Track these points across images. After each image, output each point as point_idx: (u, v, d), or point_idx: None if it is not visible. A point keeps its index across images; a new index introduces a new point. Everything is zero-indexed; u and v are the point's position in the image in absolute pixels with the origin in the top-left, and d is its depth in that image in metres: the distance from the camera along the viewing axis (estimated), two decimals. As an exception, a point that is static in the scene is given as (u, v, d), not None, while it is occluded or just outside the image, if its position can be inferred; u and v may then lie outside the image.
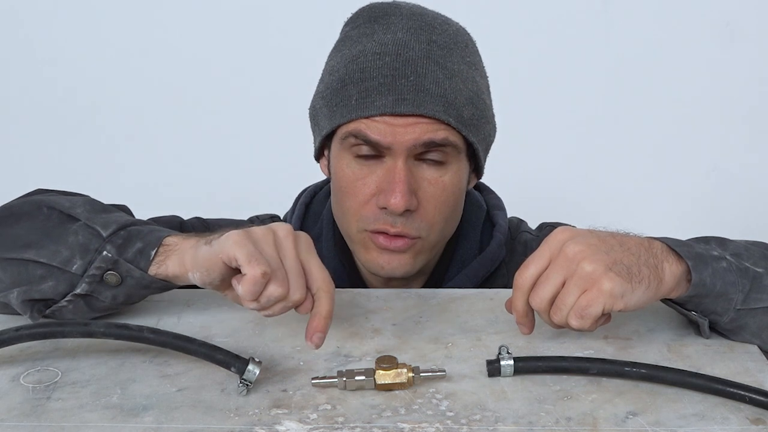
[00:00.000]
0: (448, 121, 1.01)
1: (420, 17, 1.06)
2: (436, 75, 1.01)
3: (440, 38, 1.04)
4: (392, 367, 0.81)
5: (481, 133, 1.07)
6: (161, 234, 0.90)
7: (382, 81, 1.01)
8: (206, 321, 0.95)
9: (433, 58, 1.02)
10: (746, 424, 0.77)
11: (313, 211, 1.21)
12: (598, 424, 0.77)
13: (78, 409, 0.79)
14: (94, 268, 0.88)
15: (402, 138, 1.00)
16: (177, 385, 0.83)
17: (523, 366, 0.84)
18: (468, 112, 1.03)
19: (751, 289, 0.88)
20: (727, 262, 0.88)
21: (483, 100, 1.07)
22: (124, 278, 0.89)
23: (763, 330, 0.90)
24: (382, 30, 1.05)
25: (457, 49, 1.05)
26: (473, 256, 1.16)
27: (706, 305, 0.88)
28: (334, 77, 1.06)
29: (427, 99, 1.00)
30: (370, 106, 1.01)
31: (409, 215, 1.03)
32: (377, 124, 1.01)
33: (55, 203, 0.95)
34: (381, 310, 0.99)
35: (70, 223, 0.92)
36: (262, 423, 0.76)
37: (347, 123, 1.03)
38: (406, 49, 1.02)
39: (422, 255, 1.08)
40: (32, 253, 0.91)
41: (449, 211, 1.07)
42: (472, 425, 0.76)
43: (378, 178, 1.03)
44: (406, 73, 1.01)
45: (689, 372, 0.82)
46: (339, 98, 1.04)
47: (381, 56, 1.02)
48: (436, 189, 1.04)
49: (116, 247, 0.89)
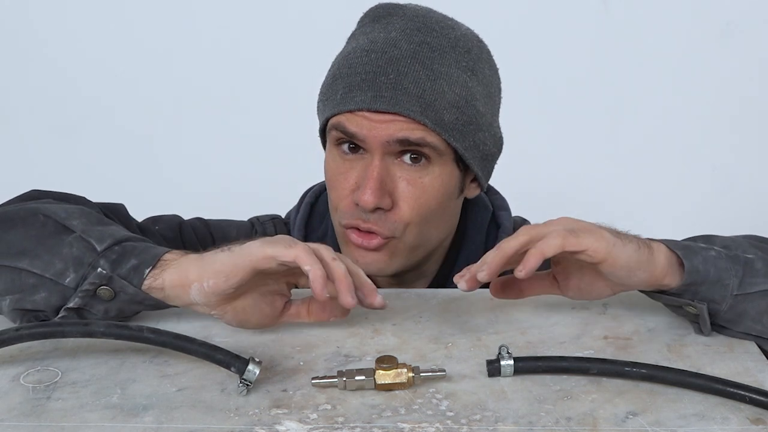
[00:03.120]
0: (425, 122, 1.01)
1: (423, 18, 1.07)
2: (418, 75, 1.02)
3: (435, 40, 1.04)
4: (392, 367, 0.81)
5: (468, 139, 1.05)
6: (157, 251, 0.89)
7: (365, 77, 1.02)
8: (206, 321, 0.94)
9: (418, 59, 1.03)
10: (746, 424, 0.77)
11: (318, 211, 1.21)
12: (598, 424, 0.77)
13: (78, 409, 0.79)
14: (87, 284, 0.88)
15: (378, 133, 1.02)
16: (177, 385, 0.83)
17: (523, 366, 0.84)
18: (450, 116, 1.03)
19: (744, 274, 0.89)
20: (716, 252, 0.89)
21: (474, 106, 1.05)
22: (117, 293, 0.88)
23: (762, 315, 0.90)
24: (379, 29, 1.06)
25: (453, 53, 1.05)
26: (478, 258, 1.15)
27: (703, 293, 0.88)
28: (330, 72, 1.09)
29: (404, 98, 1.01)
30: (351, 101, 1.03)
31: (382, 213, 1.04)
32: (357, 118, 1.03)
33: (52, 212, 0.94)
34: (381, 310, 0.98)
35: (65, 234, 0.91)
36: (262, 423, 0.76)
37: (333, 116, 1.05)
38: (393, 48, 1.03)
39: (399, 256, 1.08)
40: (26, 262, 0.90)
41: (429, 214, 1.06)
42: (472, 425, 0.76)
43: (356, 174, 1.05)
44: (387, 71, 1.02)
45: (689, 372, 0.82)
46: (330, 92, 1.06)
47: (368, 53, 1.04)
48: (415, 189, 1.04)
49: (110, 262, 0.88)
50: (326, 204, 1.20)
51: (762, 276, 0.89)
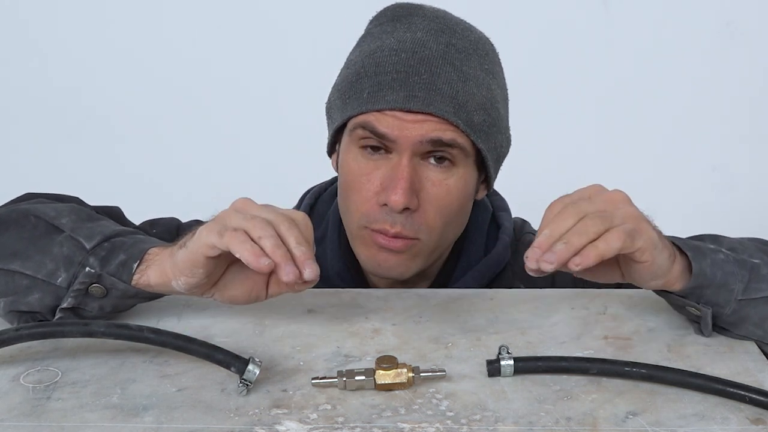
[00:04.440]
0: (457, 123, 1.01)
1: (443, 20, 1.07)
2: (450, 76, 1.01)
3: (460, 42, 1.04)
4: (392, 367, 0.81)
5: (492, 141, 1.06)
6: (144, 246, 0.90)
7: (395, 76, 1.01)
8: (206, 321, 0.95)
9: (448, 60, 1.02)
10: (746, 424, 0.77)
11: (317, 213, 1.21)
12: (598, 424, 0.77)
13: (78, 409, 0.78)
14: (78, 283, 0.88)
15: (410, 133, 1.00)
16: (177, 385, 0.83)
17: (523, 366, 0.84)
18: (479, 118, 1.03)
19: (750, 279, 0.88)
20: (724, 255, 0.89)
21: (497, 109, 1.06)
22: (108, 290, 0.89)
23: (764, 320, 0.90)
24: (403, 28, 1.05)
25: (475, 55, 1.05)
26: (479, 259, 1.15)
27: (708, 297, 0.88)
28: (350, 70, 1.07)
29: (438, 98, 1.00)
30: (381, 100, 1.01)
31: (409, 215, 1.03)
32: (387, 117, 1.01)
33: (42, 212, 0.95)
34: (381, 310, 0.99)
35: (55, 233, 0.92)
36: (262, 423, 0.76)
37: (358, 115, 1.03)
38: (423, 48, 1.02)
39: (419, 258, 1.07)
40: (18, 264, 0.91)
41: (451, 216, 1.06)
42: (472, 425, 0.76)
43: (382, 175, 1.03)
44: (420, 71, 1.01)
45: (689, 372, 0.82)
46: (353, 91, 1.04)
47: (397, 53, 1.02)
48: (440, 191, 1.04)
49: (99, 259, 0.88)
50: (326, 206, 1.20)
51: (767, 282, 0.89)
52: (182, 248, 0.85)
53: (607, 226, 0.80)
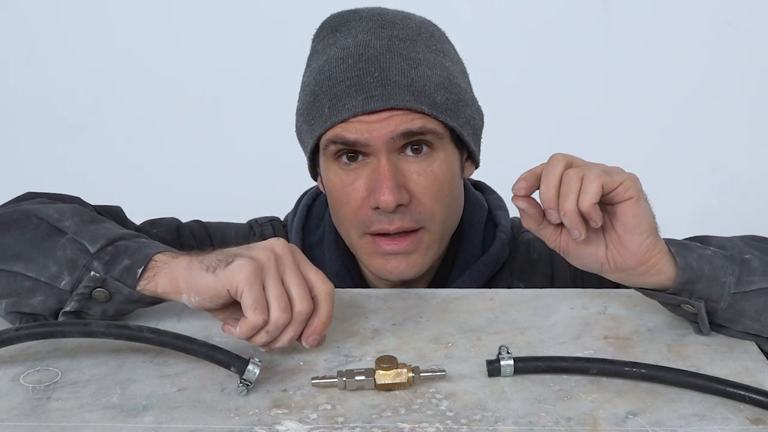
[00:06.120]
0: (421, 108, 1.01)
1: (380, 16, 1.07)
2: (401, 67, 1.02)
3: (402, 32, 1.05)
4: (392, 367, 0.81)
5: (461, 116, 1.06)
6: (149, 251, 0.89)
7: (349, 83, 1.02)
8: (206, 321, 0.94)
9: (395, 52, 1.03)
10: (746, 424, 0.77)
11: (315, 215, 1.21)
12: (598, 424, 0.77)
13: (78, 409, 0.79)
14: (82, 287, 0.88)
15: (379, 133, 1.01)
16: (177, 385, 0.83)
17: (523, 366, 0.84)
18: (441, 98, 1.03)
19: (741, 272, 0.89)
20: (711, 251, 0.90)
21: (457, 85, 1.07)
22: (112, 294, 0.88)
23: (761, 313, 0.90)
24: (344, 36, 1.06)
25: (420, 40, 1.06)
26: (476, 257, 1.15)
27: (700, 291, 0.88)
28: (306, 92, 1.08)
29: (396, 91, 1.01)
30: (342, 110, 1.02)
31: (404, 209, 1.03)
32: (353, 124, 1.02)
33: (44, 214, 0.94)
34: (381, 310, 0.99)
35: (58, 236, 0.91)
36: (262, 423, 0.76)
37: (325, 132, 1.04)
38: (367, 48, 1.03)
39: (432, 249, 1.07)
40: (20, 266, 0.90)
41: (447, 200, 1.07)
42: (472, 425, 0.76)
43: (366, 180, 1.03)
44: (371, 70, 1.02)
45: (689, 372, 0.82)
46: (314, 110, 1.05)
47: (344, 60, 1.03)
48: (427, 179, 1.04)
49: (104, 263, 0.88)
50: (324, 207, 1.20)
51: (759, 274, 0.89)
52: (209, 272, 0.84)
53: (586, 172, 0.84)
